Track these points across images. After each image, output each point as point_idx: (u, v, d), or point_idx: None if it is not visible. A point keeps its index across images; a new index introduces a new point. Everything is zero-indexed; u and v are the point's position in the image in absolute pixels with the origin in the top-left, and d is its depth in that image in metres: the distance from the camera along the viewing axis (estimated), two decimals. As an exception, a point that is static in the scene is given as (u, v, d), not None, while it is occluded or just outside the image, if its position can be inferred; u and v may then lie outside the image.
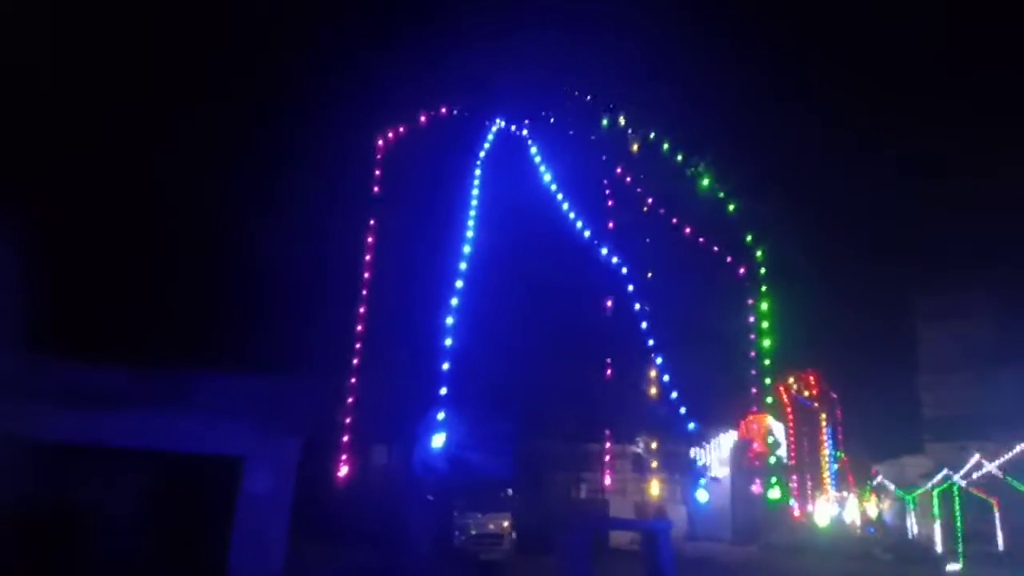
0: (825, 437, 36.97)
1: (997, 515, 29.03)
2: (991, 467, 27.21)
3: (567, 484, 22.58)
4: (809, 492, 35.45)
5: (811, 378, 37.58)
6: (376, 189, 15.65)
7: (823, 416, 37.05)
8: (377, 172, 15.80)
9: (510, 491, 19.21)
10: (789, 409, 34.33)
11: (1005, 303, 33.60)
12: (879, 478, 37.86)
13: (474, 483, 16.34)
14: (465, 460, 15.40)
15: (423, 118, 16.84)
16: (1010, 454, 26.89)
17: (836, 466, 37.48)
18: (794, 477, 33.74)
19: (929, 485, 30.61)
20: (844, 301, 36.81)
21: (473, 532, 17.15)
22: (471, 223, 15.24)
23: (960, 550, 25.97)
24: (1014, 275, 33.30)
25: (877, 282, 37.48)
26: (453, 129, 16.90)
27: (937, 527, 29.21)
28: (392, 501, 14.02)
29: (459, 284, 14.50)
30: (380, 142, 16.08)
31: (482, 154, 16.32)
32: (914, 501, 33.56)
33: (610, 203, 19.04)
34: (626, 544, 18.76)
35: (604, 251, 17.06)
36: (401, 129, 16.36)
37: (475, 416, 15.27)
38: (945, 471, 29.24)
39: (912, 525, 33.85)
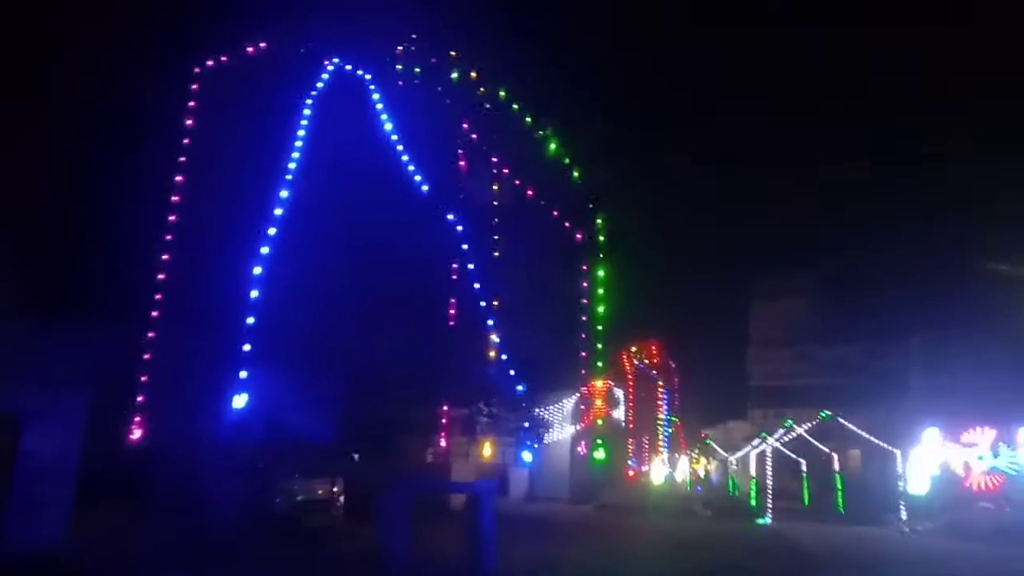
0: (662, 403, 39.20)
1: (804, 474, 32.31)
2: (800, 430, 29.99)
3: (407, 448, 22.33)
4: (645, 454, 37.59)
5: (653, 348, 39.65)
6: (188, 123, 14.10)
7: (661, 384, 39.22)
8: (191, 104, 14.24)
9: (356, 456, 18.68)
10: (630, 377, 36.08)
11: (823, 289, 37.14)
12: (707, 441, 40.86)
13: (299, 446, 15.58)
14: (285, 422, 14.59)
15: (249, 49, 15.36)
16: (816, 420, 29.73)
17: (671, 430, 39.92)
18: (631, 440, 35.64)
19: (748, 448, 33.35)
20: (685, 278, 39.11)
21: (299, 498, 16.47)
22: (293, 166, 14.12)
23: (770, 505, 28.47)
24: (833, 264, 36.88)
25: (715, 263, 40.07)
26: (282, 65, 15.54)
27: (753, 485, 31.95)
28: (198, 464, 12.98)
29: (273, 231, 13.43)
30: (196, 70, 14.50)
31: (314, 93, 15.15)
32: (736, 462, 36.53)
33: (460, 163, 18.56)
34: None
35: (442, 208, 16.53)
36: (222, 59, 14.84)
37: (298, 376, 14.43)
38: (763, 435, 31.97)
39: (734, 484, 36.86)
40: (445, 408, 19.65)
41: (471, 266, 16.59)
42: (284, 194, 13.80)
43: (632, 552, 16.59)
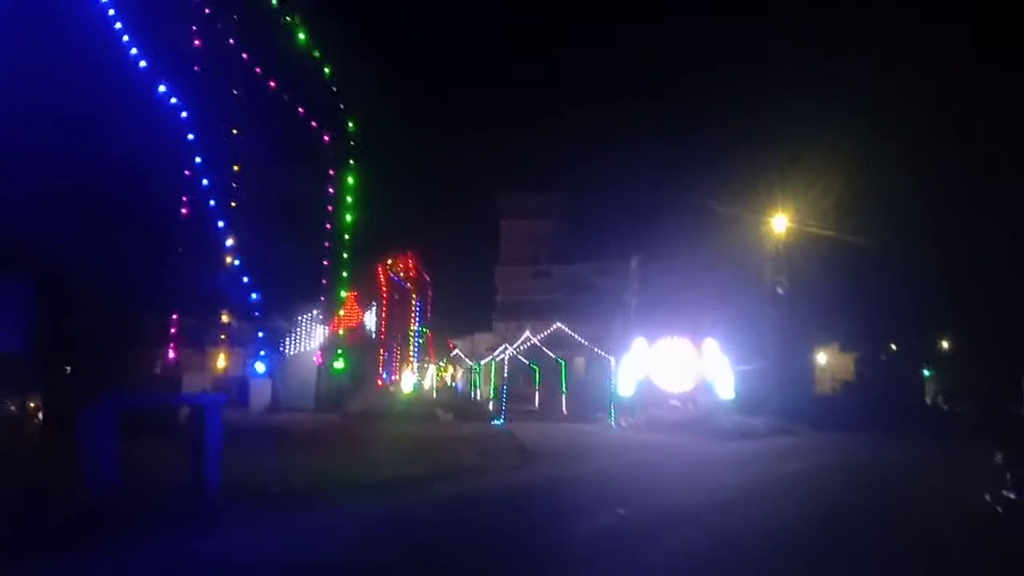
0: (414, 315, 40.09)
1: (537, 379, 35.72)
2: (535, 340, 32.92)
3: (127, 359, 20.17)
4: (396, 364, 38.43)
5: (409, 261, 40.02)
6: None
7: (414, 296, 39.96)
8: None
9: (68, 368, 16.58)
10: (384, 288, 36.19)
11: (562, 213, 40.44)
12: (455, 351, 42.99)
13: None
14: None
15: None
16: (549, 330, 32.82)
17: (422, 341, 41.14)
18: (382, 350, 36.14)
19: (490, 357, 35.81)
20: (440, 193, 39.83)
21: (-20, 416, 14.29)
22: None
23: (504, 408, 31.09)
24: (573, 189, 40.19)
25: (470, 179, 41.28)
26: None
27: (492, 390, 34.55)
28: None
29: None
30: None
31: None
32: (480, 369, 39.08)
33: (195, 42, 16.20)
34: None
35: (163, 88, 14.43)
36: None
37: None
38: (504, 345, 34.51)
39: (476, 390, 39.50)
40: (174, 317, 17.86)
41: (199, 160, 14.82)
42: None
43: (369, 455, 16.95)
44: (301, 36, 18.00)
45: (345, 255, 19.63)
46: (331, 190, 18.74)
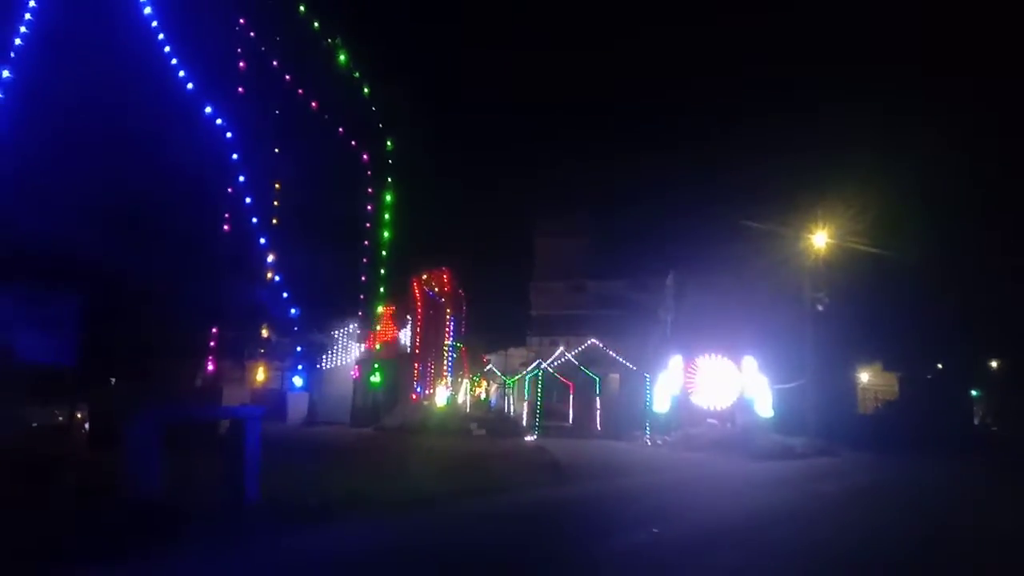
0: (449, 330, 40.23)
1: (571, 396, 35.51)
2: (570, 356, 32.80)
3: (170, 371, 20.70)
4: (430, 378, 38.59)
5: (444, 276, 40.28)
6: None
7: (449, 311, 40.12)
8: None
9: (113, 380, 17.17)
10: (419, 303, 36.48)
11: (599, 228, 40.44)
12: (489, 366, 43.02)
13: (31, 368, 13.77)
14: (9, 341, 12.71)
15: None
16: (584, 346, 32.66)
17: (455, 356, 41.24)
18: (416, 365, 36.37)
19: (525, 372, 35.75)
20: (475, 210, 40.15)
21: (33, 424, 14.86)
22: (18, 42, 11.78)
23: (538, 424, 30.99)
24: (608, 205, 40.25)
25: (505, 196, 41.57)
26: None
27: (526, 406, 34.46)
28: None
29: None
30: None
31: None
32: (514, 385, 39.02)
33: (238, 64, 16.72)
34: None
35: (208, 109, 14.89)
36: None
37: (26, 292, 12.51)
38: (538, 360, 34.44)
39: (510, 405, 39.41)
40: (214, 330, 18.28)
41: (242, 178, 15.22)
42: (5, 74, 11.46)
43: (404, 470, 17.08)
44: (341, 58, 18.42)
45: (382, 271, 19.88)
46: (369, 207, 19.04)
